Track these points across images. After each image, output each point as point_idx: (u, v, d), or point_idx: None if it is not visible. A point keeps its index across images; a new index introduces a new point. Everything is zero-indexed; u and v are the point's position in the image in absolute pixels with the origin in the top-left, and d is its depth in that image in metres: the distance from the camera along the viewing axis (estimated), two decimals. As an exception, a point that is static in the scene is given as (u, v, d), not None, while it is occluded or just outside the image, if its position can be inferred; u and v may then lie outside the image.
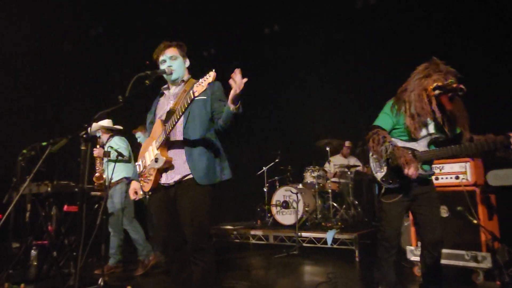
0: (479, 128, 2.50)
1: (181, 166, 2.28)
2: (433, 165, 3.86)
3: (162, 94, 2.58)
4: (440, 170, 3.79)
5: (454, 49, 5.17)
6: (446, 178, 3.75)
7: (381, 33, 6.03)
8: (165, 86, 2.55)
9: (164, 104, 2.49)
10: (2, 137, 6.01)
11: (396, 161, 2.41)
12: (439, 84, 2.41)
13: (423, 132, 2.53)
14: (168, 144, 2.31)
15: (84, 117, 2.30)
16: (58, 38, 6.46)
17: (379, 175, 2.60)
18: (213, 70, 2.03)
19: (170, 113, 2.35)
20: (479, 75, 4.67)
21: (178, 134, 2.33)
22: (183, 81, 2.49)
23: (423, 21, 5.65)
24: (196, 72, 2.61)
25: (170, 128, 2.21)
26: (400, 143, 2.54)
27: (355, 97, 6.42)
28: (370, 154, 2.66)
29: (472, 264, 3.37)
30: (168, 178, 2.31)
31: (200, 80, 2.02)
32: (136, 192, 2.52)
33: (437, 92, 2.42)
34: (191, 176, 2.25)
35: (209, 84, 2.02)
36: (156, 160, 2.27)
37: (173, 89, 2.51)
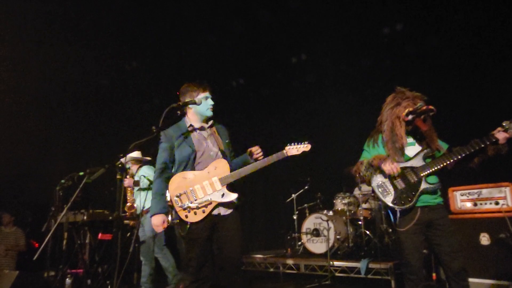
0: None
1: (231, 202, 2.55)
2: (470, 190, 3.77)
3: (189, 131, 2.67)
4: (478, 196, 3.64)
5: (487, 72, 5.08)
6: (485, 203, 3.59)
7: (409, 58, 6.00)
8: (192, 124, 2.67)
9: (201, 141, 2.64)
10: (41, 168, 6.29)
11: (373, 166, 2.61)
12: (410, 109, 2.57)
13: (402, 157, 2.63)
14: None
15: (117, 148, 2.41)
16: (94, 72, 6.80)
17: (389, 199, 2.59)
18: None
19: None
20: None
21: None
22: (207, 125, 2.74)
23: (450, 45, 5.59)
24: (225, 103, 2.75)
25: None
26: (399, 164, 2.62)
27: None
28: (363, 185, 2.77)
29: (518, 296, 3.16)
30: (222, 211, 2.55)
31: (297, 145, 2.81)
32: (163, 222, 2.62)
33: (410, 117, 2.58)
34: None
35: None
36: (222, 195, 2.49)
37: (206, 130, 2.71)
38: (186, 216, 2.48)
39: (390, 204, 2.57)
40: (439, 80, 5.46)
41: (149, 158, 4.72)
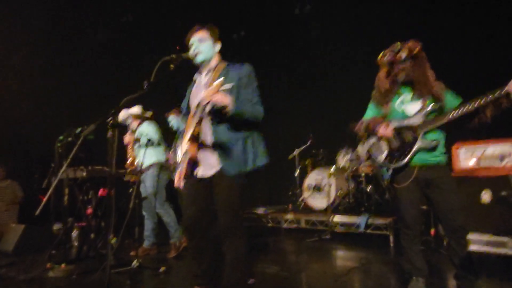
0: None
1: (214, 160, 2.28)
2: (475, 147, 3.68)
3: (192, 82, 2.55)
4: (482, 153, 3.56)
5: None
6: (489, 161, 3.52)
7: (418, 8, 5.67)
8: (197, 72, 2.52)
9: (196, 93, 2.45)
10: (47, 123, 6.27)
11: (368, 130, 2.60)
12: (387, 51, 2.57)
13: (389, 105, 2.60)
14: (197, 138, 2.29)
15: (117, 102, 2.31)
16: (90, 26, 6.58)
17: (382, 157, 2.58)
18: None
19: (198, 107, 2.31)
20: None
21: (207, 128, 2.31)
22: (209, 69, 2.44)
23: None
24: (226, 56, 2.57)
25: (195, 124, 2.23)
26: (396, 123, 2.56)
27: (390, 77, 6.13)
28: (365, 143, 2.70)
29: (516, 252, 3.17)
30: (204, 172, 2.34)
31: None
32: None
33: (385, 58, 2.54)
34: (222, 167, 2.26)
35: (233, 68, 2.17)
36: (184, 154, 2.31)
37: (204, 77, 2.46)
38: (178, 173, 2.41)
39: (381, 162, 2.57)
40: (452, 30, 5.18)
41: (149, 113, 4.64)
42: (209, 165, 2.30)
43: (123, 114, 4.50)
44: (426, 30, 5.22)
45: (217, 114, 2.22)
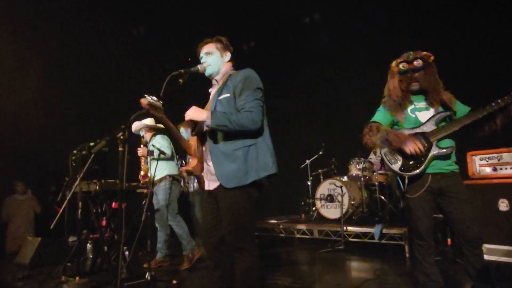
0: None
1: (215, 174, 2.22)
2: (490, 155, 3.61)
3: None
4: (499, 160, 3.49)
5: None
6: (506, 168, 3.44)
7: (427, 15, 5.63)
8: (211, 86, 2.52)
9: (209, 106, 2.41)
10: (62, 137, 6.38)
11: (393, 145, 2.44)
12: (400, 60, 2.54)
13: (404, 113, 2.56)
14: (199, 152, 2.31)
15: (130, 115, 2.34)
16: (103, 40, 6.71)
17: (397, 166, 2.52)
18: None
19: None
20: None
21: (206, 142, 2.30)
22: (217, 80, 2.44)
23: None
24: (236, 67, 2.57)
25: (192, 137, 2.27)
26: (407, 131, 2.51)
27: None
28: (378, 150, 2.61)
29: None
30: (209, 185, 2.31)
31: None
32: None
33: (401, 65, 2.52)
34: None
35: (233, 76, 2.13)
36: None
37: (213, 90, 2.46)
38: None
39: (398, 171, 2.51)
40: (457, 37, 5.13)
41: (162, 126, 4.69)
42: (211, 179, 2.27)
43: (136, 125, 4.58)
44: (433, 38, 5.21)
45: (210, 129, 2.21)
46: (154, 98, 2.14)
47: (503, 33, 4.90)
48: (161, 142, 4.42)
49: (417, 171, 2.44)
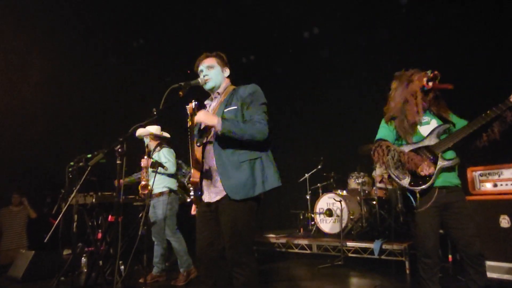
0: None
1: (218, 186, 2.20)
2: (490, 171, 3.59)
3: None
4: (499, 176, 3.47)
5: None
6: (506, 184, 3.42)
7: (426, 32, 5.68)
8: (208, 99, 2.52)
9: None
10: (59, 149, 6.34)
11: (406, 167, 2.43)
12: (430, 76, 2.48)
13: (415, 136, 2.53)
14: (200, 164, 2.25)
15: (128, 128, 2.31)
16: (103, 52, 6.73)
17: (406, 181, 2.48)
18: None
19: (203, 132, 2.31)
20: None
21: (210, 153, 2.26)
22: (218, 93, 2.44)
23: (469, 16, 5.24)
24: (237, 82, 2.57)
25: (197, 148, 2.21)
26: (410, 147, 2.51)
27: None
28: (384, 167, 2.57)
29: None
30: (210, 197, 2.26)
31: None
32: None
33: (431, 84, 2.48)
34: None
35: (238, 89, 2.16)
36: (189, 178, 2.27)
37: (213, 102, 2.45)
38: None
39: (408, 186, 2.47)
40: (457, 52, 5.16)
41: (167, 135, 4.63)
42: (214, 191, 2.24)
43: (141, 131, 4.43)
44: (430, 52, 5.24)
45: (218, 138, 2.18)
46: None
47: (500, 47, 4.95)
48: (167, 157, 4.31)
49: (427, 184, 2.41)
